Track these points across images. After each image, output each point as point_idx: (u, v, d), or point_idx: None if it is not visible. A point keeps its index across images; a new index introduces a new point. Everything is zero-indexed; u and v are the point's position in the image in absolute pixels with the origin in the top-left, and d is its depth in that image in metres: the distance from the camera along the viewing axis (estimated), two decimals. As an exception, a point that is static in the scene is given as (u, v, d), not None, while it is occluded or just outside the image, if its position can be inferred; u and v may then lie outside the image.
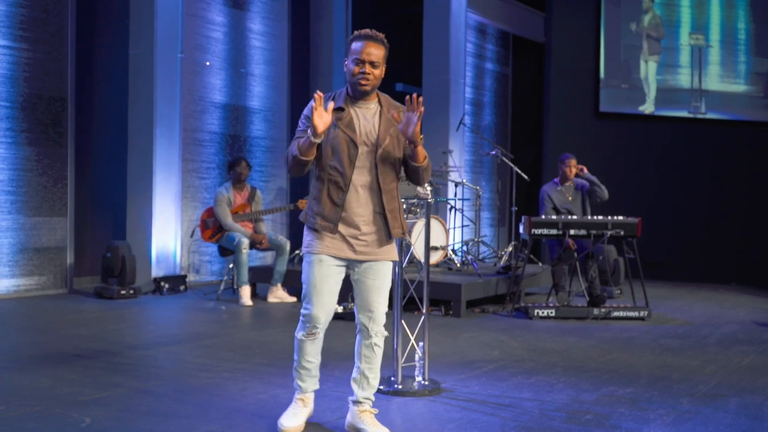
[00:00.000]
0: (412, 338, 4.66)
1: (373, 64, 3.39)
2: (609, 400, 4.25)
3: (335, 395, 4.20)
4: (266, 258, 9.60)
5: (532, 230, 7.10)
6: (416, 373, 4.46)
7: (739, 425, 3.83)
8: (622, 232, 7.07)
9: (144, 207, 8.33)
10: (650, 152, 11.62)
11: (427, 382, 4.41)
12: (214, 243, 8.10)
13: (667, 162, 11.55)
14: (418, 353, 4.49)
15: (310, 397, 3.69)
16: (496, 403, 4.14)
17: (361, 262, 3.47)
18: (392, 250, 3.54)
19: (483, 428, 3.68)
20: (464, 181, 9.00)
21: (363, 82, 3.39)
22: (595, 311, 7.07)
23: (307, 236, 3.50)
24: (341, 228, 3.42)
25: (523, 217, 7.37)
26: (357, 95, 3.46)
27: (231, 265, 8.01)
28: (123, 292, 7.67)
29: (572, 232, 7.08)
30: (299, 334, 3.55)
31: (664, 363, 5.27)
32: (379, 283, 3.51)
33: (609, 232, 7.04)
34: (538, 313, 7.05)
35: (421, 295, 4.59)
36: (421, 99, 3.31)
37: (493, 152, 9.43)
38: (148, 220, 8.31)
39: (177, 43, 8.50)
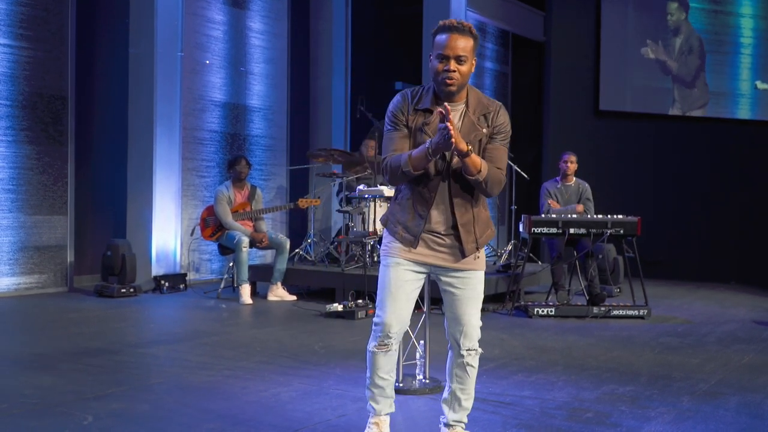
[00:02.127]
0: (413, 337, 4.66)
1: (459, 60, 2.98)
2: (609, 398, 4.26)
3: (336, 393, 4.21)
4: (266, 256, 9.60)
5: (532, 229, 7.11)
6: (417, 371, 4.46)
7: (740, 423, 3.84)
8: (621, 231, 7.08)
9: (144, 205, 8.34)
10: (650, 151, 11.63)
11: (428, 381, 4.42)
12: (214, 241, 8.11)
13: (667, 161, 11.57)
14: (419, 351, 4.50)
15: (385, 422, 3.30)
16: (496, 401, 4.15)
17: (447, 269, 3.16)
18: (480, 259, 3.20)
19: (484, 426, 3.69)
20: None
21: (448, 81, 2.99)
22: (595, 310, 7.07)
23: (386, 238, 3.21)
24: (423, 235, 3.12)
25: (522, 216, 7.39)
26: (446, 98, 3.05)
27: (231, 264, 8.02)
28: (123, 290, 7.68)
29: (572, 230, 7.09)
30: (371, 346, 3.20)
31: (664, 361, 5.28)
32: (469, 293, 3.17)
33: (609, 231, 7.04)
34: (537, 311, 7.05)
35: (422, 293, 4.59)
36: (442, 111, 2.88)
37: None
38: (148, 218, 8.31)
39: (177, 41, 8.50)
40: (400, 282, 3.13)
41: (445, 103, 2.93)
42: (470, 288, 3.17)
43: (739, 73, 11.69)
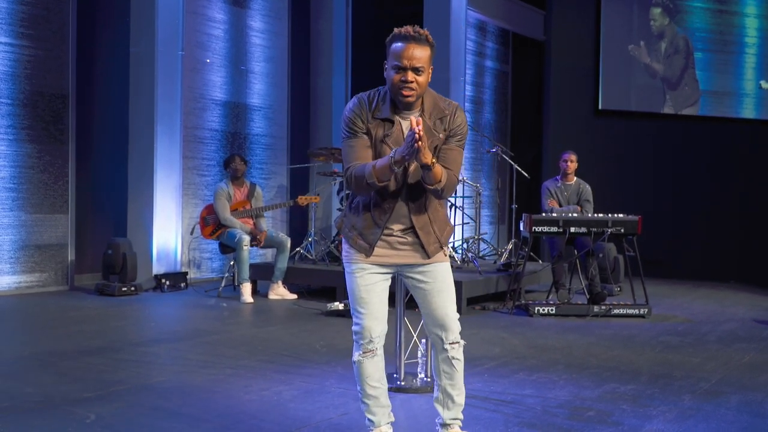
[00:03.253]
0: (415, 335, 4.67)
1: (416, 70, 2.92)
2: (611, 396, 4.26)
3: (338, 392, 4.21)
4: (267, 255, 9.61)
5: (533, 228, 7.12)
6: (419, 369, 4.47)
7: (741, 422, 3.85)
8: (622, 230, 7.08)
9: (145, 204, 8.35)
10: (650, 150, 11.63)
11: (429, 379, 4.42)
12: (214, 240, 8.11)
13: (667, 160, 11.57)
14: (421, 350, 4.51)
15: None
16: (498, 399, 4.16)
17: (411, 266, 3.12)
18: (441, 254, 3.16)
19: (486, 425, 3.69)
20: (464, 178, 9.01)
21: (405, 93, 2.94)
22: (596, 309, 7.08)
23: (345, 244, 3.16)
24: (382, 237, 3.08)
25: (523, 215, 7.39)
26: (403, 108, 3.02)
27: (232, 262, 8.03)
28: (124, 288, 7.68)
29: (573, 229, 7.10)
30: (356, 356, 3.16)
31: (664, 360, 5.29)
32: (438, 285, 3.11)
33: (609, 230, 7.05)
34: (538, 310, 7.06)
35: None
36: (417, 128, 2.76)
37: (493, 150, 9.45)
38: (148, 217, 8.32)
39: (178, 40, 8.51)
40: (369, 286, 3.09)
41: (419, 120, 2.81)
42: (439, 280, 3.12)
43: (744, 72, 11.70)
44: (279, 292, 7.85)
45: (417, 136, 2.76)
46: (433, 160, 2.88)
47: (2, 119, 7.62)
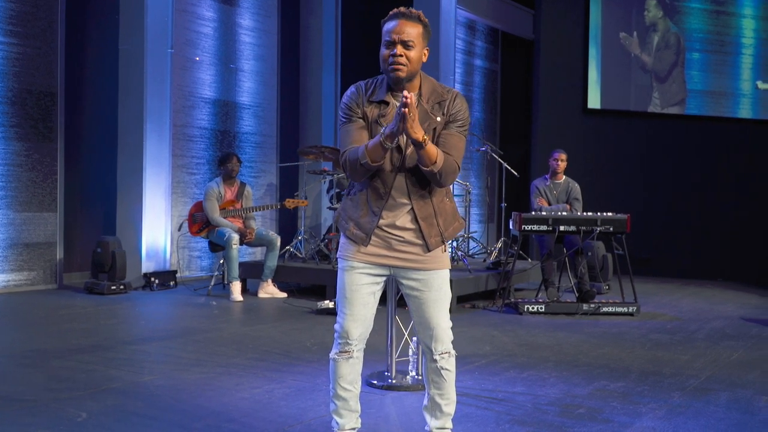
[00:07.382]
0: (406, 333, 4.69)
1: (406, 45, 2.88)
2: (601, 394, 4.29)
3: (329, 389, 4.20)
4: (256, 254, 9.60)
5: (523, 226, 7.14)
6: (410, 368, 4.49)
7: (730, 419, 3.88)
8: (611, 228, 7.12)
9: (134, 202, 8.31)
10: (638, 149, 11.69)
11: (420, 377, 4.43)
12: (203, 237, 8.08)
13: (656, 158, 11.63)
14: (412, 348, 4.52)
15: None
16: (489, 397, 4.18)
17: (408, 270, 3.01)
18: (443, 258, 3.04)
19: (477, 422, 3.71)
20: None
21: (396, 66, 2.88)
22: (585, 307, 7.11)
23: (342, 237, 3.07)
24: (379, 233, 2.98)
25: (513, 213, 7.42)
26: (395, 84, 2.94)
27: (221, 261, 8.02)
28: (113, 287, 7.65)
29: (562, 228, 7.13)
30: (332, 353, 3.08)
31: (654, 358, 5.32)
32: (434, 294, 3.00)
33: (598, 228, 7.08)
34: (527, 308, 7.08)
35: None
36: (407, 96, 2.71)
37: (483, 148, 9.46)
38: (138, 215, 8.29)
39: (167, 38, 8.48)
40: (355, 287, 3.00)
41: (410, 93, 2.75)
42: (435, 289, 3.00)
43: (741, 73, 11.76)
44: (269, 290, 7.85)
45: (405, 101, 2.70)
46: (426, 138, 2.80)
47: (-10, 117, 7.60)
